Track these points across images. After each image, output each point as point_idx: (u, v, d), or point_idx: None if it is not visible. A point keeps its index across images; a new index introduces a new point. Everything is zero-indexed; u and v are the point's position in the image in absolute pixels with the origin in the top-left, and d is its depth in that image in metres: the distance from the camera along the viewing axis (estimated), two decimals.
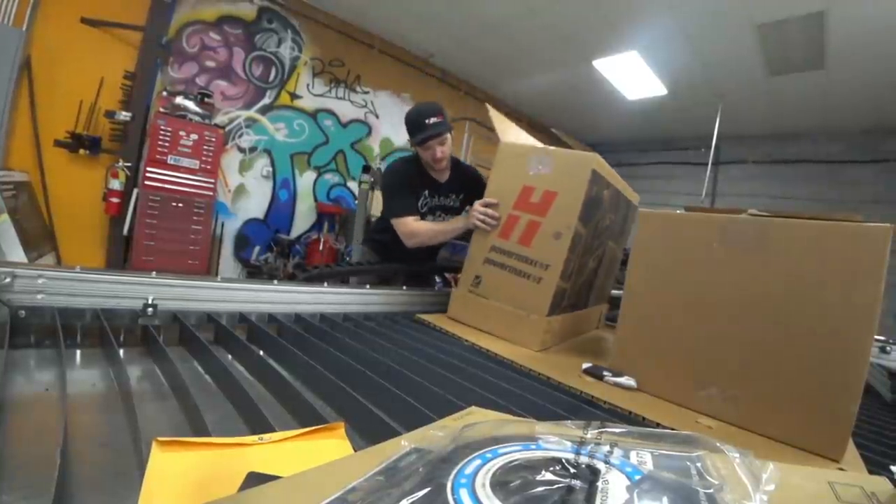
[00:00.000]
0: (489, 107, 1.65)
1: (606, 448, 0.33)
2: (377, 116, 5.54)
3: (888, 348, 1.71)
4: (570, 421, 0.41)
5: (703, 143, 5.78)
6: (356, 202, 4.55)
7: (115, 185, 3.57)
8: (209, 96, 3.95)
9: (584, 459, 0.31)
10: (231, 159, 4.47)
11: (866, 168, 5.24)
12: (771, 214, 0.82)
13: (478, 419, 0.50)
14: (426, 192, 1.77)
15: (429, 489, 0.27)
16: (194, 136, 3.70)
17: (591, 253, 1.31)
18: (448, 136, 1.68)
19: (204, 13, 4.16)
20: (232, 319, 1.03)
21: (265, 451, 0.46)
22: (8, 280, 0.77)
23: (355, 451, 0.48)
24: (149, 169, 3.54)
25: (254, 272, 4.58)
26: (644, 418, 0.78)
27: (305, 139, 4.97)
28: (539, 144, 1.41)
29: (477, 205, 1.34)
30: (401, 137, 5.83)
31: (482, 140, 5.53)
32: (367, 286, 1.44)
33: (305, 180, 5.05)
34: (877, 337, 1.64)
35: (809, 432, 0.73)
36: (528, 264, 1.20)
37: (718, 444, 0.34)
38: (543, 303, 1.15)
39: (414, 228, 1.65)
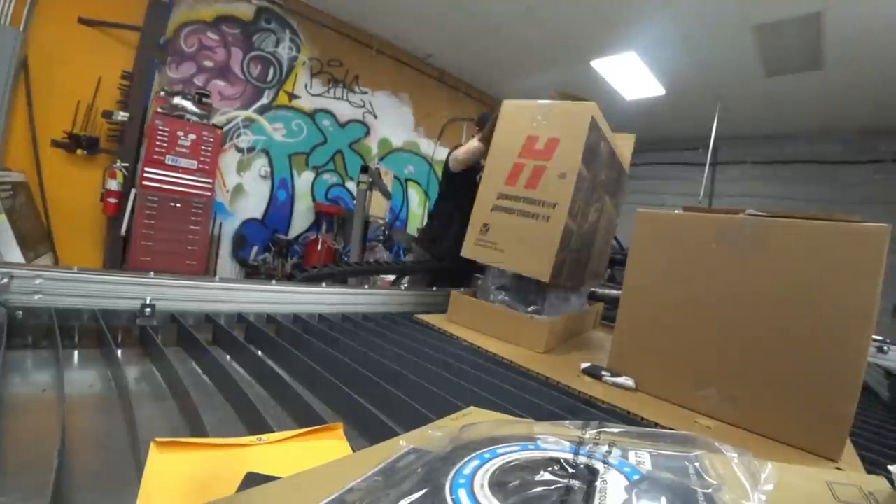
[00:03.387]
0: None
1: (605, 448, 0.33)
2: (375, 116, 5.54)
3: (885, 348, 1.72)
4: (568, 421, 0.41)
5: (700, 144, 5.79)
6: (354, 202, 4.55)
7: (113, 185, 3.56)
8: (207, 96, 3.94)
9: (582, 459, 0.31)
10: (229, 159, 4.46)
11: (864, 168, 5.26)
12: (769, 214, 0.82)
13: (476, 419, 0.50)
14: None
15: (427, 489, 0.27)
16: (192, 136, 3.70)
17: (592, 202, 1.34)
18: None
19: (202, 13, 4.16)
20: (230, 320, 1.03)
21: (264, 451, 0.46)
22: (5, 280, 0.77)
23: (354, 451, 0.48)
24: (147, 169, 3.53)
25: (252, 272, 4.58)
26: (642, 418, 0.78)
27: (304, 139, 4.97)
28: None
29: None
30: (399, 137, 5.83)
31: None
32: (366, 286, 1.44)
33: (304, 180, 5.04)
34: (874, 336, 1.65)
35: (807, 432, 0.73)
36: (535, 205, 1.22)
37: (717, 444, 0.34)
38: (553, 241, 1.16)
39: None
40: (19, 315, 0.76)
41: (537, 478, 0.29)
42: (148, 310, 0.88)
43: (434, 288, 1.67)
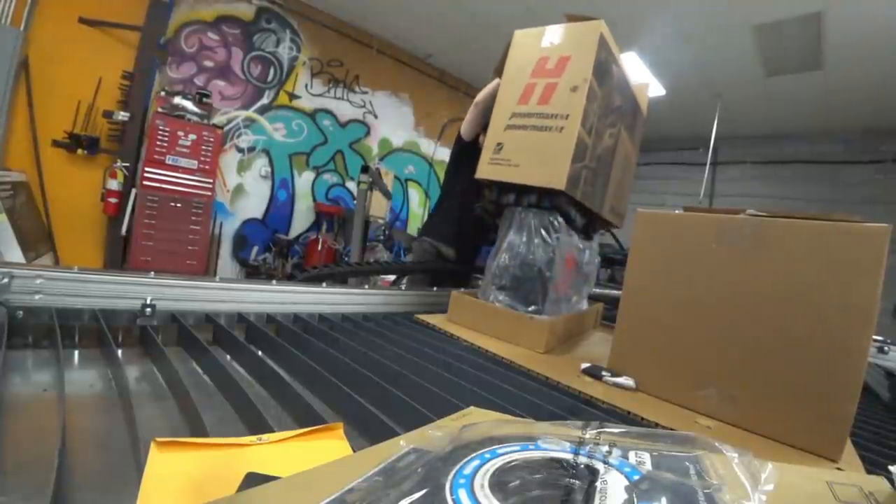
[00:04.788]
0: None
1: (605, 448, 0.33)
2: (376, 116, 5.54)
3: (886, 348, 1.72)
4: (568, 421, 0.41)
5: (701, 144, 5.80)
6: (355, 202, 4.55)
7: (114, 185, 3.57)
8: (207, 96, 3.95)
9: (582, 460, 0.31)
10: (229, 159, 4.47)
11: (864, 168, 5.26)
12: (769, 215, 0.82)
13: (476, 419, 0.50)
14: None
15: (427, 489, 0.27)
16: (192, 136, 3.70)
17: (606, 125, 1.35)
18: None
19: (202, 13, 4.16)
20: (230, 320, 1.03)
21: (264, 451, 0.46)
22: (6, 280, 0.77)
23: (354, 451, 0.48)
24: (147, 169, 3.54)
25: (252, 272, 4.59)
26: (643, 418, 0.78)
27: (304, 139, 4.97)
28: None
29: None
30: (399, 137, 5.83)
31: None
32: (366, 286, 1.44)
33: (304, 180, 5.05)
34: (875, 337, 1.65)
35: (808, 432, 0.73)
36: (548, 119, 1.23)
37: (717, 444, 0.34)
38: (567, 149, 1.17)
39: None
40: (20, 315, 0.76)
41: (538, 478, 0.29)
42: (148, 310, 0.88)
43: (434, 288, 1.67)
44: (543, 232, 1.25)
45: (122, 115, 3.63)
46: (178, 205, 3.67)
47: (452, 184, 2.01)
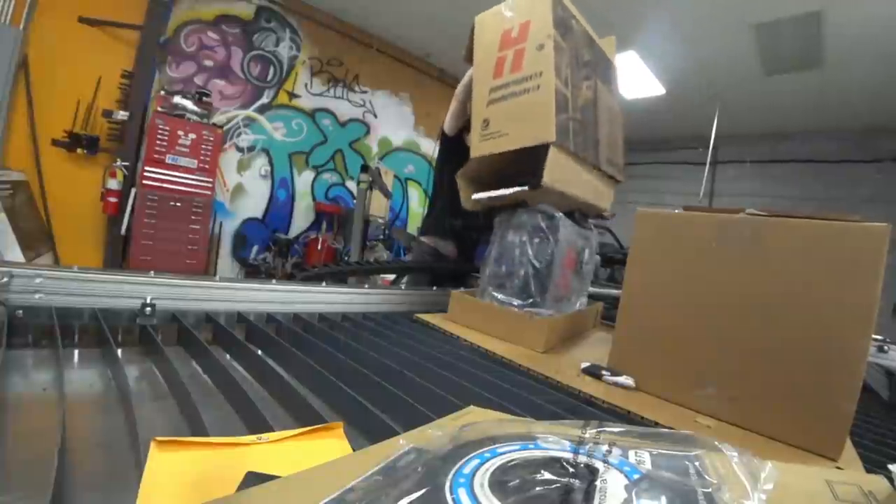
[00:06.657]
0: None
1: (605, 447, 0.33)
2: (375, 116, 5.54)
3: (886, 347, 1.72)
4: (568, 420, 0.41)
5: (700, 143, 5.80)
6: (354, 202, 4.55)
7: (113, 184, 3.57)
8: (207, 95, 3.95)
9: (582, 459, 0.31)
10: (229, 159, 4.46)
11: (863, 167, 5.26)
12: (768, 214, 0.82)
13: (476, 419, 0.50)
14: None
15: (427, 489, 0.27)
16: (192, 136, 3.70)
17: (581, 78, 1.37)
18: None
19: (202, 12, 4.16)
20: (230, 319, 1.03)
21: (264, 450, 0.46)
22: (5, 280, 0.77)
23: (354, 450, 0.48)
24: (147, 168, 3.54)
25: (252, 272, 4.58)
26: (642, 417, 0.78)
27: (304, 138, 4.97)
28: None
29: None
30: (399, 137, 5.83)
31: None
32: (366, 285, 1.44)
33: (304, 180, 5.05)
34: (874, 336, 1.64)
35: (807, 431, 0.73)
36: (525, 82, 1.25)
37: (717, 444, 0.34)
38: (548, 102, 1.18)
39: None
40: (20, 314, 0.76)
41: (537, 477, 0.29)
42: (148, 309, 0.88)
43: (434, 287, 1.67)
44: (539, 228, 1.25)
45: (122, 115, 3.62)
46: (178, 204, 3.67)
47: (441, 181, 2.00)
